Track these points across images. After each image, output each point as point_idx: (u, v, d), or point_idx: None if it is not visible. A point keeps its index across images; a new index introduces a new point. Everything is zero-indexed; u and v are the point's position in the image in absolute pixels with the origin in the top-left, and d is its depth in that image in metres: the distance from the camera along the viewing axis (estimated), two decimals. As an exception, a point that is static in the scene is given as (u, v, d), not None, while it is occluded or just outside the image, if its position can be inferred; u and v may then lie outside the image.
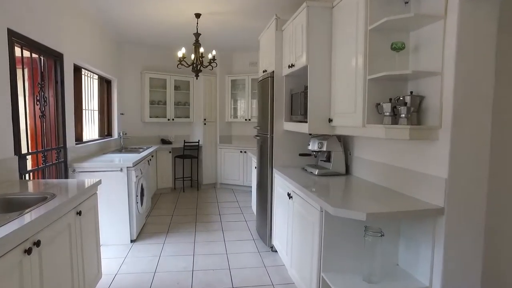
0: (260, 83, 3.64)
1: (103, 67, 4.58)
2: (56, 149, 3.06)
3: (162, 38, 5.34)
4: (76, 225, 1.99)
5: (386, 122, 1.89)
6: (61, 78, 3.10)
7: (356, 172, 2.73)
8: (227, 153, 6.28)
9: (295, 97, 2.96)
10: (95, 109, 4.65)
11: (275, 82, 3.13)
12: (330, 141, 2.79)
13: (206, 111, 6.25)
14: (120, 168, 3.38)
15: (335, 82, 2.40)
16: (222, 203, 5.25)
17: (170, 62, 6.23)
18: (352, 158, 2.80)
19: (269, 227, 3.33)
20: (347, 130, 2.28)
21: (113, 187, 3.37)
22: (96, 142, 4.30)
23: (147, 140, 6.14)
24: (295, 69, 2.74)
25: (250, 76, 6.22)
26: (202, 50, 3.95)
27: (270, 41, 3.30)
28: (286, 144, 3.18)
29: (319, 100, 2.47)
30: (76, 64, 3.66)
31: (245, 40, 5.41)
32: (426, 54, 1.84)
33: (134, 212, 3.52)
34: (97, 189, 2.42)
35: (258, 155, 3.76)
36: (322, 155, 2.96)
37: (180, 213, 4.66)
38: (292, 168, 3.08)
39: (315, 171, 2.80)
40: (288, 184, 2.67)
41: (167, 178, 5.92)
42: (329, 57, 2.46)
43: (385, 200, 1.92)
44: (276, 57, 3.12)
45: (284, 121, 3.15)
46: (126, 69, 5.82)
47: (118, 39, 5.38)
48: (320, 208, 1.99)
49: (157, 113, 6.19)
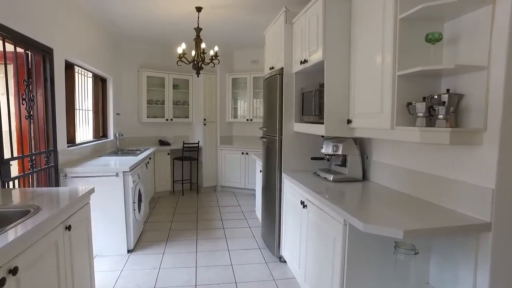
0: (266, 81, 3.40)
1: (98, 65, 4.32)
2: (46, 152, 2.80)
3: (160, 34, 5.08)
4: (65, 241, 1.74)
5: (420, 124, 1.66)
6: (51, 76, 2.84)
7: (374, 177, 2.50)
8: (228, 154, 6.04)
9: (306, 96, 2.72)
10: (89, 109, 4.39)
11: (284, 80, 2.89)
12: (346, 144, 2.55)
13: (206, 111, 6.00)
14: (116, 172, 3.13)
15: (355, 79, 2.17)
16: (224, 207, 5.01)
17: (168, 60, 5.98)
18: (369, 162, 2.57)
19: (277, 236, 3.09)
20: (370, 133, 2.05)
21: (108, 194, 3.12)
22: (90, 144, 4.04)
23: (144, 141, 5.89)
24: (308, 65, 2.50)
25: (252, 75, 5.97)
26: (204, 46, 3.70)
27: (278, 35, 3.06)
28: (296, 146, 2.94)
29: (337, 99, 2.24)
30: (68, 61, 3.40)
31: (247, 36, 5.17)
32: (466, 46, 1.61)
33: (131, 219, 3.27)
34: (90, 198, 2.17)
35: (264, 158, 3.52)
36: (336, 159, 2.73)
37: (180, 218, 4.41)
38: (303, 173, 2.84)
39: (329, 176, 2.57)
40: (301, 192, 2.44)
41: (166, 181, 5.67)
42: (347, 51, 2.22)
43: (419, 213, 1.69)
44: (286, 53, 2.88)
45: (294, 122, 2.91)
46: (123, 67, 5.55)
47: (114, 35, 5.11)
48: (344, 221, 1.75)
49: (155, 113, 5.93)
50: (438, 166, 1.82)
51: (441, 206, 1.76)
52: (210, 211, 4.80)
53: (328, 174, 2.61)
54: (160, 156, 5.53)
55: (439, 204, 1.78)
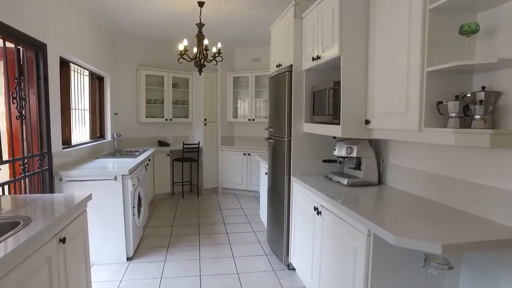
0: (273, 80, 3.23)
1: (95, 62, 4.13)
2: (39, 155, 2.61)
3: (160, 31, 4.90)
4: (59, 256, 1.57)
5: (453, 125, 1.50)
6: (45, 73, 2.65)
7: (391, 181, 2.34)
8: (229, 155, 5.87)
9: (318, 94, 2.56)
10: (85, 108, 4.20)
11: (294, 78, 2.73)
12: (361, 146, 2.40)
13: (207, 110, 5.82)
14: (114, 176, 2.95)
15: (374, 77, 2.01)
16: (226, 210, 4.84)
17: (168, 58, 5.81)
18: (385, 165, 2.41)
19: (285, 243, 2.93)
20: (392, 134, 1.88)
21: (107, 198, 2.94)
22: (87, 146, 3.86)
23: (143, 142, 5.70)
24: (321, 62, 2.34)
25: (254, 73, 5.80)
26: (207, 42, 3.52)
27: (286, 31, 2.89)
28: (306, 148, 2.78)
29: (354, 98, 2.08)
30: (63, 58, 3.21)
31: (250, 33, 5.00)
32: (505, 39, 1.45)
33: (131, 225, 3.10)
34: (86, 205, 1.99)
35: (270, 160, 3.36)
36: (349, 162, 2.57)
37: (181, 222, 4.24)
38: (313, 177, 2.68)
39: (343, 180, 2.41)
40: (314, 197, 2.28)
41: (165, 183, 5.49)
42: (365, 46, 2.06)
43: (452, 223, 1.53)
44: (295, 49, 2.71)
45: (304, 122, 2.75)
46: (120, 65, 5.37)
47: (111, 31, 4.92)
48: (368, 232, 1.59)
49: (154, 112, 5.75)
50: (469, 170, 1.67)
51: (476, 215, 1.60)
52: (211, 214, 4.62)
53: (341, 178, 2.45)
54: (160, 157, 5.35)
55: (473, 213, 1.63)
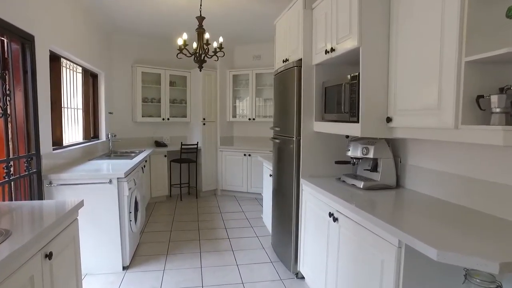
0: (278, 76, 3.04)
1: (89, 58, 3.90)
2: (26, 157, 2.39)
3: (157, 26, 4.68)
4: (44, 274, 1.35)
5: (497, 121, 1.32)
6: (32, 67, 2.43)
7: (411, 184, 2.16)
8: (228, 156, 5.67)
9: (330, 91, 2.37)
10: (78, 107, 3.97)
11: (303, 73, 2.53)
12: (378, 146, 2.21)
13: (205, 109, 5.61)
14: (109, 179, 2.73)
15: (397, 69, 1.82)
16: (226, 213, 4.63)
17: (165, 55, 5.60)
18: (404, 166, 2.22)
19: (293, 249, 2.73)
20: (420, 133, 1.69)
21: (101, 203, 2.72)
22: (80, 146, 3.63)
23: (139, 143, 5.48)
24: (336, 54, 2.15)
25: (255, 71, 5.61)
26: (208, 36, 3.31)
27: (294, 23, 2.70)
28: (316, 149, 2.59)
29: (375, 93, 1.89)
30: (53, 52, 2.99)
31: (251, 29, 4.80)
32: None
33: (127, 232, 2.88)
34: (78, 213, 1.78)
35: (276, 161, 3.16)
36: (364, 163, 2.39)
37: (180, 227, 4.02)
38: (325, 179, 2.49)
39: (358, 183, 2.22)
40: (329, 202, 2.08)
41: (163, 185, 5.27)
42: (386, 35, 1.87)
43: (499, 235, 1.35)
44: (305, 42, 2.52)
45: (315, 121, 2.56)
46: (116, 61, 5.14)
47: (107, 26, 4.69)
48: (398, 243, 1.40)
49: (150, 112, 5.53)
50: (508, 173, 1.49)
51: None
52: (212, 218, 4.42)
53: (356, 181, 2.26)
54: (156, 159, 5.13)
55: (515, 221, 1.45)
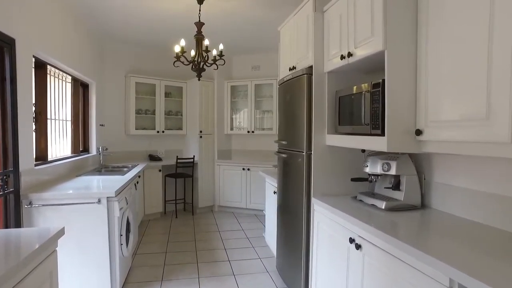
0: (284, 85, 2.82)
1: (79, 66, 3.65)
2: (2, 174, 2.10)
3: (152, 34, 4.48)
4: (8, 329, 1.07)
5: None
6: (12, 74, 2.17)
7: (438, 204, 1.92)
8: (226, 170, 5.40)
9: (346, 100, 2.15)
10: (67, 119, 3.70)
11: (315, 81, 2.32)
12: (401, 161, 1.98)
13: (202, 122, 5.37)
14: (98, 198, 2.45)
15: (428, 74, 1.60)
16: (225, 232, 4.33)
17: (160, 64, 5.39)
18: (429, 184, 1.99)
19: (303, 275, 2.46)
20: (460, 148, 1.46)
21: (88, 226, 2.43)
22: (67, 161, 3.34)
23: (132, 157, 5.19)
24: (354, 60, 1.93)
25: (254, 82, 5.41)
26: (207, 42, 3.09)
27: (303, 28, 2.50)
28: (328, 164, 2.35)
29: (402, 102, 1.67)
30: (38, 58, 2.74)
31: (251, 37, 4.62)
32: None
33: (117, 257, 2.58)
34: (57, 244, 1.50)
35: (281, 177, 2.91)
36: (383, 180, 2.15)
37: (176, 248, 3.71)
38: (339, 198, 2.24)
39: (380, 203, 1.97)
40: (348, 225, 1.83)
41: (157, 201, 4.96)
42: (413, 38, 1.67)
43: None
44: (315, 47, 2.31)
45: (327, 134, 2.32)
46: (108, 71, 4.90)
47: (98, 34, 4.47)
48: (449, 282, 1.15)
49: (144, 124, 5.26)
50: None
51: None
52: (210, 237, 4.11)
53: (376, 200, 2.01)
54: (151, 173, 4.84)
55: None
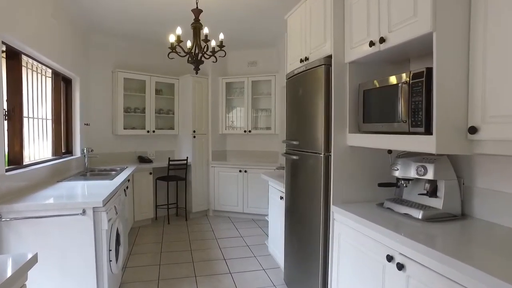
0: (294, 79, 2.53)
1: (60, 59, 3.27)
2: (-36, 184, 1.74)
3: (142, 25, 4.12)
4: None
5: None
6: (-23, 61, 1.81)
7: (482, 213, 1.67)
8: (222, 172, 5.08)
9: (373, 94, 1.88)
10: (47, 117, 3.31)
11: (334, 73, 2.03)
12: (439, 164, 1.71)
13: (196, 121, 5.03)
14: (83, 209, 2.10)
15: (485, 62, 1.34)
16: (223, 239, 4.02)
17: (150, 59, 5.04)
18: (470, 190, 1.74)
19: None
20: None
21: (71, 241, 2.08)
22: (47, 165, 2.95)
23: (120, 159, 4.81)
24: (387, 46, 1.66)
25: (251, 78, 5.11)
26: (207, 31, 2.76)
27: (318, 13, 2.22)
28: (350, 167, 2.07)
29: (452, 95, 1.40)
30: (10, 46, 2.36)
31: (249, 29, 4.32)
32: None
33: (106, 275, 2.23)
34: (26, 277, 1.16)
35: (290, 181, 2.62)
36: (416, 186, 1.89)
37: (170, 259, 3.37)
38: (362, 206, 1.97)
39: (415, 212, 1.71)
40: (385, 240, 1.55)
41: (148, 207, 4.59)
42: (466, 19, 1.40)
43: None
44: (335, 34, 2.03)
45: (349, 133, 2.04)
46: (94, 65, 4.51)
47: (82, 24, 4.08)
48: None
49: (133, 123, 4.89)
50: None
51: None
52: (206, 245, 3.79)
53: (410, 209, 1.75)
54: (140, 176, 4.47)
55: None
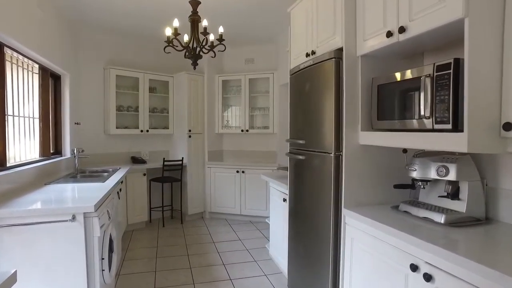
0: (299, 74, 2.39)
1: (48, 53, 3.07)
2: None
3: (135, 19, 3.93)
4: None
5: None
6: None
7: (508, 217, 1.55)
8: (218, 173, 4.92)
9: (389, 89, 1.74)
10: (34, 116, 3.11)
11: (346, 67, 1.89)
12: (462, 164, 1.59)
13: (191, 120, 4.86)
14: (72, 215, 1.92)
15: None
16: (221, 243, 3.85)
17: (144, 55, 4.86)
18: (494, 192, 1.62)
19: (329, 303, 2.03)
20: None
21: (60, 251, 1.90)
22: (33, 166, 2.76)
23: (112, 159, 4.61)
24: (408, 36, 1.52)
25: (248, 76, 4.95)
26: (206, 23, 2.60)
27: (326, 4, 2.08)
28: (362, 168, 1.93)
29: (486, 88, 1.27)
30: (-7, 37, 2.17)
31: (248, 24, 4.17)
32: None
33: (98, 286, 2.06)
34: (9, 298, 0.99)
35: (295, 183, 2.48)
36: (433, 187, 1.76)
37: (167, 265, 3.20)
38: (377, 209, 1.83)
39: (437, 216, 1.58)
40: (407, 248, 1.42)
41: (141, 209, 4.40)
42: (500, 3, 1.28)
43: None
44: (347, 24, 1.89)
45: (361, 131, 1.91)
46: (84, 61, 4.30)
47: (73, 17, 3.88)
48: None
49: (126, 122, 4.69)
50: None
51: None
52: (204, 250, 3.62)
53: (431, 213, 1.62)
54: (134, 178, 4.28)
55: None
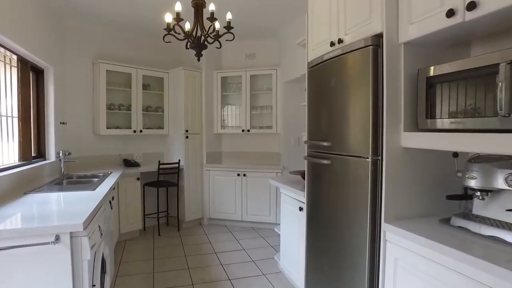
0: (323, 67, 2.09)
1: (28, 43, 2.69)
2: None
3: (128, 8, 3.57)
4: None
5: None
6: None
7: None
8: (217, 176, 4.59)
9: (441, 82, 1.45)
10: (13, 114, 2.73)
11: (386, 56, 1.60)
12: (537, 173, 1.31)
13: (188, 119, 4.51)
14: (56, 235, 1.57)
15: None
16: (224, 253, 3.53)
17: (137, 49, 4.49)
18: None
19: (362, 333, 1.74)
20: None
21: (39, 280, 1.55)
22: (10, 173, 2.38)
23: (103, 162, 4.23)
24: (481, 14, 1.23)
25: (249, 72, 4.63)
26: (213, 8, 2.25)
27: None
28: (405, 175, 1.64)
29: None
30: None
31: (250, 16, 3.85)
32: None
33: (88, 318, 1.71)
34: None
35: (315, 191, 2.18)
36: (494, 199, 1.48)
37: (166, 281, 2.85)
38: (425, 223, 1.54)
39: (508, 235, 1.29)
40: (481, 277, 1.13)
41: (135, 217, 4.03)
42: None
43: None
44: (387, 5, 1.60)
45: (404, 132, 1.62)
46: (71, 54, 3.91)
47: (58, 6, 3.48)
48: None
49: (117, 122, 4.31)
50: None
51: None
52: (206, 262, 3.29)
53: (499, 231, 1.33)
54: (126, 182, 3.91)
55: None
